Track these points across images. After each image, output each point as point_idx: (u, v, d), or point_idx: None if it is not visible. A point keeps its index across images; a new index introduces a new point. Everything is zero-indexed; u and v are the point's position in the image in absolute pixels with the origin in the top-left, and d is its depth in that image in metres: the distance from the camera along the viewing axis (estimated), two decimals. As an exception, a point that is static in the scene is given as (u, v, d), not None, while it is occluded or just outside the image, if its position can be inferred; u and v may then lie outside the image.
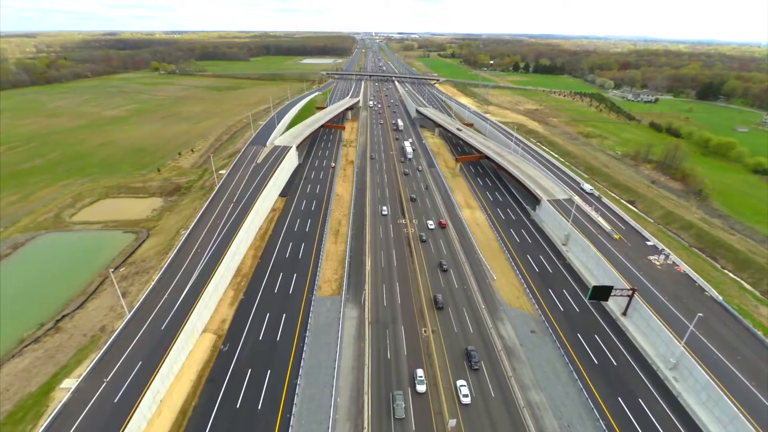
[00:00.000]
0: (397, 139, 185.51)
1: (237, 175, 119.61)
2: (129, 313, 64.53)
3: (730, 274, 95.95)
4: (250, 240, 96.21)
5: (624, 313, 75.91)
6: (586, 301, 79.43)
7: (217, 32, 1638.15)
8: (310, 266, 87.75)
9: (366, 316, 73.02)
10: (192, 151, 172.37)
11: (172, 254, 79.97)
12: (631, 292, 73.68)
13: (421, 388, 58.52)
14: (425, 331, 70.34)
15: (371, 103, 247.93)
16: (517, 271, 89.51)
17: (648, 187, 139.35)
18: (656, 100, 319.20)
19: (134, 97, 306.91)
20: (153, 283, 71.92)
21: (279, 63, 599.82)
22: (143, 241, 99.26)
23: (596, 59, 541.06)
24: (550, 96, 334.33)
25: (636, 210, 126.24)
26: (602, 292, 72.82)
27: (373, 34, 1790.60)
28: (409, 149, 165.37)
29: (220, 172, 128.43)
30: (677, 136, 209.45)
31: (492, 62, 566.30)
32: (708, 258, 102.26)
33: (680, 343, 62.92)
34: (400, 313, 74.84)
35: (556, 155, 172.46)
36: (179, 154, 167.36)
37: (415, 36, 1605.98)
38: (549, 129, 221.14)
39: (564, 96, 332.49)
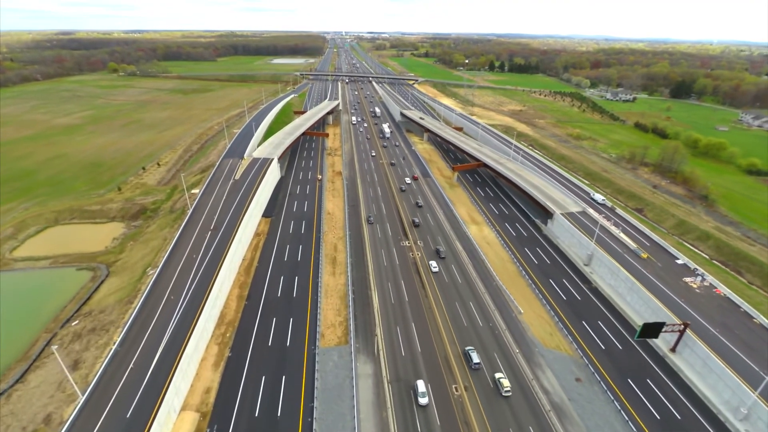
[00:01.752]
0: (384, 146, 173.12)
1: (213, 195, 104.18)
2: (82, 395, 49.53)
3: (760, 291, 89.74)
4: (233, 276, 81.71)
5: (673, 350, 67.14)
6: (631, 339, 70.34)
7: (180, 31, 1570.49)
8: (308, 306, 74.46)
9: (384, 373, 60.73)
10: (158, 164, 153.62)
11: (138, 304, 64.84)
12: (683, 327, 64.91)
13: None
14: (456, 389, 58.79)
15: (354, 119, 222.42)
16: (543, 300, 79.58)
17: (653, 194, 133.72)
18: (634, 99, 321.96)
19: (90, 102, 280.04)
20: (114, 346, 56.94)
21: (248, 63, 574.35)
22: (102, 282, 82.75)
23: (569, 58, 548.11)
24: (531, 96, 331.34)
25: (647, 219, 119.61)
26: (652, 330, 63.86)
27: (343, 34, 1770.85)
28: (387, 130, 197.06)
29: (193, 191, 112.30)
30: (664, 136, 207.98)
31: (467, 61, 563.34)
32: (732, 272, 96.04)
33: (754, 393, 54.30)
34: (423, 364, 62.96)
35: (551, 160, 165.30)
36: (143, 168, 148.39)
37: (386, 35, 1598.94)
38: (538, 131, 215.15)
39: (545, 96, 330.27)
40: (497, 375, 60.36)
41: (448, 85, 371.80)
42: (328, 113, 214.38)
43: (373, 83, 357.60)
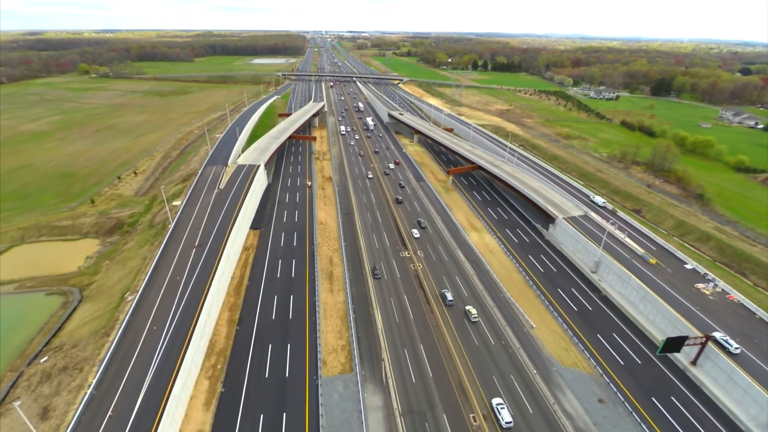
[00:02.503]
0: (376, 152, 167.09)
1: (196, 207, 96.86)
2: (51, 454, 42.69)
3: (766, 293, 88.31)
4: (222, 298, 75.08)
5: (693, 362, 64.12)
6: (650, 353, 67.04)
7: (154, 31, 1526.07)
8: (307, 329, 68.58)
9: (395, 405, 55.48)
10: (135, 173, 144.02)
11: (115, 337, 57.79)
12: (705, 340, 61.88)
13: None
14: (475, 419, 54.06)
15: (343, 128, 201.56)
16: (554, 313, 75.80)
17: (649, 194, 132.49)
18: (617, 97, 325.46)
19: (59, 106, 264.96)
20: (89, 389, 49.98)
21: (227, 64, 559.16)
22: (74, 309, 74.79)
23: (550, 57, 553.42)
24: (517, 95, 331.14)
25: (646, 221, 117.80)
26: (674, 344, 60.70)
27: (323, 33, 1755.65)
28: (371, 123, 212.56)
29: (174, 203, 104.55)
30: (651, 134, 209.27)
31: (450, 60, 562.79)
32: (737, 274, 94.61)
33: (789, 411, 51.39)
34: (436, 392, 58.01)
35: (545, 161, 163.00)
36: (119, 178, 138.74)
37: (366, 34, 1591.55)
38: (527, 131, 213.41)
39: (530, 94, 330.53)
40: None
41: (434, 85, 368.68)
42: (314, 115, 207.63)
43: (358, 83, 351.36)
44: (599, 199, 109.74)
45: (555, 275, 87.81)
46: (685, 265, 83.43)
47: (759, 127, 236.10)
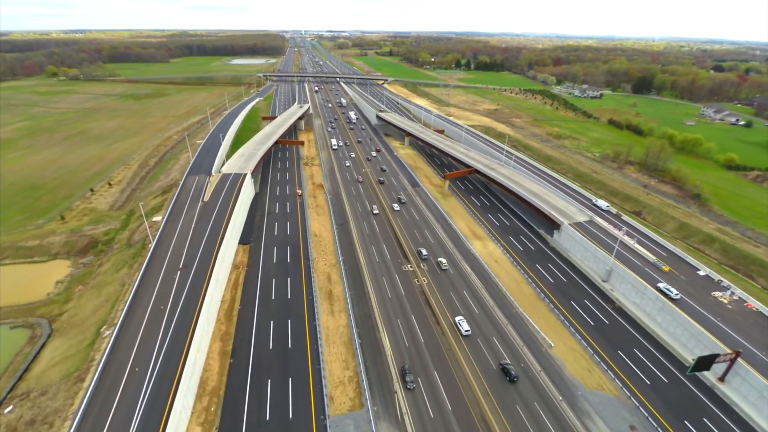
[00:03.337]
0: (369, 159, 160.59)
1: (179, 223, 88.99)
2: None
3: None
4: (212, 326, 68.05)
5: (721, 379, 60.82)
6: (674, 369, 63.46)
7: (127, 31, 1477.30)
8: (309, 360, 62.32)
9: (414, 447, 49.93)
10: (109, 184, 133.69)
11: (91, 383, 50.32)
12: (734, 356, 58.57)
13: None
14: (503, 459, 49.03)
15: (335, 141, 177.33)
16: (571, 328, 71.67)
17: (647, 194, 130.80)
18: (601, 95, 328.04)
19: (26, 112, 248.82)
20: (61, 450, 42.64)
21: (205, 64, 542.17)
22: (43, 345, 66.42)
23: (531, 56, 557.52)
24: (503, 94, 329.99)
25: (647, 223, 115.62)
26: (705, 363, 57.17)
27: (303, 32, 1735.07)
28: (353, 117, 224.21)
29: (154, 219, 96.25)
30: (639, 133, 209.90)
31: (433, 60, 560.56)
32: (744, 277, 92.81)
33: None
34: (458, 427, 52.71)
35: (540, 162, 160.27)
36: (91, 190, 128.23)
37: (346, 34, 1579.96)
38: (518, 131, 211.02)
39: (515, 94, 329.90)
40: (546, 435, 51.21)
41: (419, 85, 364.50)
42: (299, 118, 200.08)
43: (342, 83, 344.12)
44: (602, 203, 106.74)
45: (566, 286, 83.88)
46: (698, 272, 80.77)
47: (740, 123, 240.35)
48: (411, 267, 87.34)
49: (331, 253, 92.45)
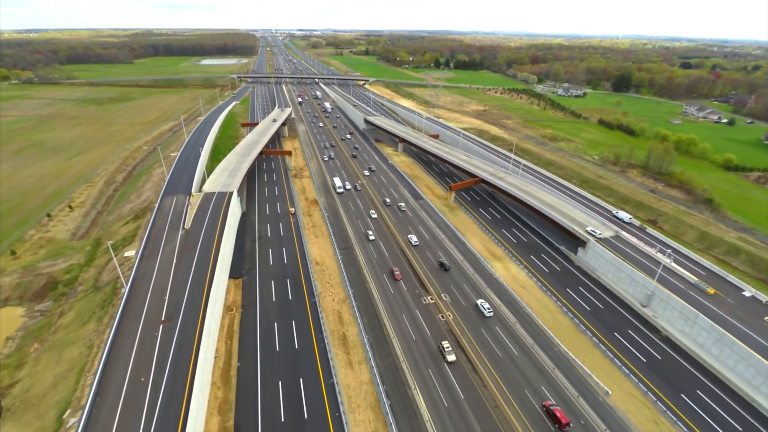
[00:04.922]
0: (366, 175, 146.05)
1: (158, 258, 75.14)
2: None
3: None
4: (207, 394, 55.50)
5: (806, 428, 53.63)
6: (745, 413, 55.72)
7: (86, 30, 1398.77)
8: (331, 434, 50.92)
9: None
10: (70, 207, 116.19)
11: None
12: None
13: None
14: None
15: (338, 182, 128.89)
16: (623, 368, 63.34)
17: (659, 201, 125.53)
18: (585, 94, 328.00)
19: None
20: None
21: (173, 65, 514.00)
22: (-13, 433, 52.03)
23: (509, 54, 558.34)
24: (487, 93, 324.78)
25: (664, 232, 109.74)
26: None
27: (273, 31, 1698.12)
28: (329, 107, 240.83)
29: (126, 254, 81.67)
30: (630, 133, 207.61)
31: (411, 59, 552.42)
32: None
33: None
34: None
35: (542, 167, 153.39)
36: (48, 215, 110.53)
37: (318, 32, 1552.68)
38: (511, 133, 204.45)
39: (500, 93, 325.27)
40: None
41: (402, 85, 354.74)
42: (282, 124, 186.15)
43: (321, 84, 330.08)
44: (624, 215, 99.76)
45: (603, 313, 75.77)
46: (743, 293, 74.36)
47: (723, 121, 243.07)
48: (431, 299, 77.02)
49: (337, 284, 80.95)
